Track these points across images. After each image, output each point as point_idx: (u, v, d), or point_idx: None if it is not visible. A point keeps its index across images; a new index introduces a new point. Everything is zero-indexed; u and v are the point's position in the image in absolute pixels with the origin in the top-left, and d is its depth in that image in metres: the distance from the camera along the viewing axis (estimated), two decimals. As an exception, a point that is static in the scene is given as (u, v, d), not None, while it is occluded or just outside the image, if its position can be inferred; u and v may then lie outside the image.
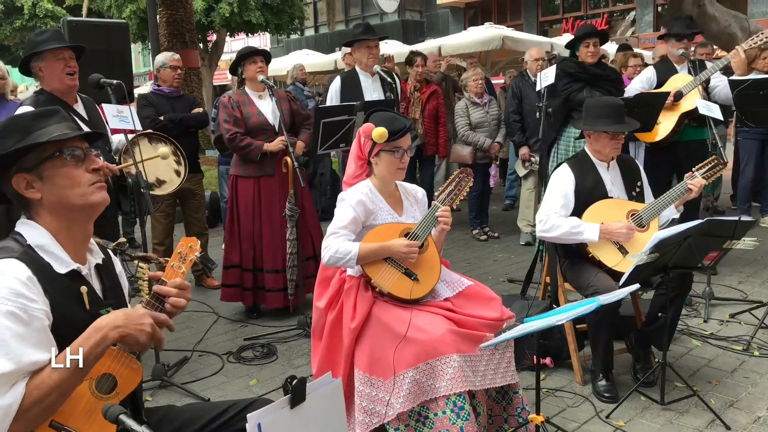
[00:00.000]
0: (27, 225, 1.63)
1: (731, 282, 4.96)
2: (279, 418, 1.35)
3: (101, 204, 1.67)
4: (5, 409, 1.40)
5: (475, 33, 10.45)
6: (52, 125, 1.63)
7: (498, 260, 6.00)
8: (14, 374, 1.42)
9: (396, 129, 2.68)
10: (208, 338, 4.27)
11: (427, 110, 6.75)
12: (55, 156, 1.61)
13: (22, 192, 1.61)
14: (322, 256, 2.64)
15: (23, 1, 19.99)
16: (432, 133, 6.79)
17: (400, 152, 2.72)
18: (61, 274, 1.59)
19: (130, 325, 1.53)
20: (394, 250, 2.62)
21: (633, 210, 3.34)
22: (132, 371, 1.62)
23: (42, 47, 3.30)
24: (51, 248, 1.60)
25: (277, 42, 25.11)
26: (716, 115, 4.34)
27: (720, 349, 3.74)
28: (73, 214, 1.64)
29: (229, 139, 4.36)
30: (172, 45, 9.68)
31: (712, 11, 6.89)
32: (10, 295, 1.45)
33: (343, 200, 2.74)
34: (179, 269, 1.70)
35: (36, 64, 3.35)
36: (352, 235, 2.68)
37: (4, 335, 1.42)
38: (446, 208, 2.71)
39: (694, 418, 2.98)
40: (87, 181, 1.64)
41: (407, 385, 2.37)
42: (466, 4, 22.20)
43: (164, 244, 5.16)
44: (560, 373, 3.49)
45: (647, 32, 18.21)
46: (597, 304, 2.24)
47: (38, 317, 1.48)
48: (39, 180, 1.60)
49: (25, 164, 1.60)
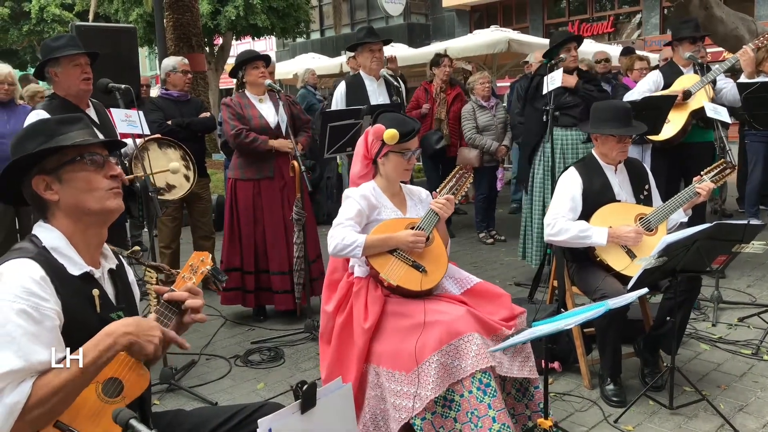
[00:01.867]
0: (43, 228, 1.66)
1: (739, 285, 4.94)
2: (289, 422, 1.35)
3: (116, 210, 1.70)
4: (10, 407, 1.41)
5: (481, 36, 10.45)
6: (75, 131, 1.66)
7: (505, 263, 5.99)
8: (22, 372, 1.43)
9: (406, 131, 2.70)
10: (216, 342, 4.28)
11: (452, 112, 6.73)
12: (76, 160, 1.64)
13: (40, 193, 1.63)
14: (329, 244, 2.66)
15: (31, 6, 20.12)
16: (456, 134, 6.77)
17: (408, 154, 2.75)
18: (74, 275, 1.61)
19: (140, 334, 1.54)
20: (401, 240, 2.63)
21: (641, 214, 3.33)
22: (139, 377, 1.63)
23: (59, 53, 3.34)
24: (65, 250, 1.62)
25: (283, 45, 25.18)
26: (724, 118, 4.33)
27: (729, 353, 3.72)
28: (89, 218, 1.67)
29: (234, 135, 4.33)
30: (178, 49, 9.73)
31: (719, 13, 6.89)
32: (23, 293, 1.47)
33: (348, 197, 2.77)
34: (189, 281, 1.71)
35: (52, 70, 3.39)
36: (358, 227, 2.71)
37: (15, 333, 1.44)
38: (447, 197, 2.74)
39: (703, 422, 2.96)
40: (105, 186, 1.67)
41: (434, 370, 2.37)
42: (471, 8, 22.22)
43: (171, 247, 5.17)
44: (568, 378, 3.48)
45: (653, 35, 18.18)
46: (606, 308, 2.23)
47: (50, 317, 1.49)
48: (58, 182, 1.63)
49: (46, 166, 1.63)
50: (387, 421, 2.51)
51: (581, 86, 4.79)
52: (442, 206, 2.72)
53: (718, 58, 10.33)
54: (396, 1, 21.31)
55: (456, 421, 2.38)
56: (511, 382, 2.67)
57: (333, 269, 2.86)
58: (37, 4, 20.00)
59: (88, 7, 17.64)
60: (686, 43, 4.93)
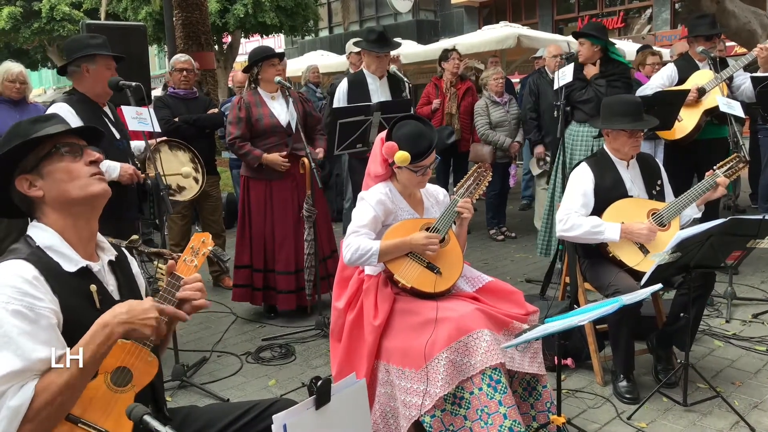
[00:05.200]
0: (36, 227, 1.66)
1: (753, 282, 4.90)
2: (304, 419, 1.35)
3: (101, 195, 1.69)
4: (14, 410, 1.41)
5: (490, 32, 10.40)
6: (49, 127, 1.67)
7: (515, 260, 5.97)
8: (24, 372, 1.43)
9: (419, 151, 2.63)
10: (227, 338, 4.29)
11: (463, 106, 6.68)
12: (52, 152, 1.65)
13: (25, 192, 1.64)
14: (344, 254, 2.64)
15: (41, 5, 20.22)
16: (467, 129, 6.72)
17: (422, 170, 2.70)
18: (70, 272, 1.61)
19: (134, 320, 1.53)
20: (415, 244, 2.61)
21: (654, 209, 3.31)
22: (147, 364, 1.62)
23: (99, 51, 3.40)
24: (59, 248, 1.62)
25: (292, 43, 25.18)
26: (738, 112, 4.29)
27: (743, 349, 3.69)
28: (76, 209, 1.66)
29: (229, 143, 4.41)
30: (187, 47, 9.73)
31: (731, 7, 6.82)
32: (15, 293, 1.47)
33: (363, 200, 2.74)
34: (191, 263, 1.70)
35: (85, 65, 3.42)
36: (373, 234, 2.68)
37: (12, 333, 1.44)
38: (466, 200, 2.72)
39: (718, 419, 2.94)
40: (85, 173, 1.67)
41: (443, 367, 2.35)
42: (480, 4, 22.14)
43: (181, 245, 5.18)
44: (580, 374, 3.46)
45: (664, 29, 18.05)
46: (620, 304, 2.21)
47: (45, 315, 1.49)
48: (40, 178, 1.64)
49: (26, 166, 1.64)
50: (397, 418, 2.51)
51: (593, 81, 4.75)
52: (470, 207, 2.72)
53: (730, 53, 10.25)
54: (405, -2, 21.30)
55: (466, 418, 2.37)
56: (519, 381, 2.65)
57: (344, 266, 2.85)
58: (47, 3, 20.08)
59: (96, 5, 17.74)
60: (702, 40, 4.88)
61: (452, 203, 2.72)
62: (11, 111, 4.87)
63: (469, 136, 6.73)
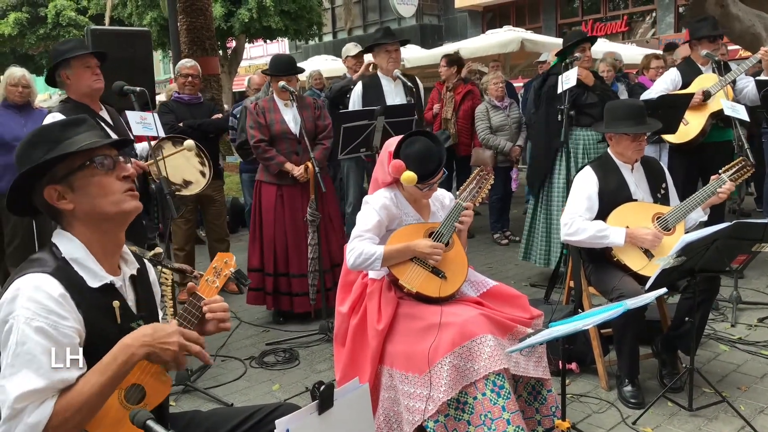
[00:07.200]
0: (63, 237, 1.62)
1: (759, 285, 4.88)
2: (307, 423, 1.34)
3: (134, 212, 1.66)
4: (32, 427, 1.40)
5: (494, 36, 10.41)
6: (80, 134, 1.62)
7: (519, 264, 5.95)
8: (45, 391, 1.42)
9: (427, 172, 2.62)
10: (231, 343, 4.29)
11: (462, 110, 6.72)
12: (85, 166, 1.59)
13: (54, 203, 1.59)
14: (347, 259, 2.64)
15: (47, 11, 20.32)
16: (466, 132, 6.74)
17: (428, 187, 2.70)
18: (94, 288, 1.58)
19: (156, 344, 1.52)
20: (419, 250, 2.61)
21: (658, 213, 3.30)
22: (161, 383, 1.63)
23: (69, 54, 3.37)
24: (85, 261, 1.59)
25: (296, 48, 25.23)
26: (742, 116, 4.28)
27: (749, 353, 3.67)
28: (107, 224, 1.63)
29: (254, 146, 4.43)
30: (192, 52, 9.75)
31: (735, 11, 6.81)
32: (41, 310, 1.45)
33: (368, 203, 2.74)
34: (213, 284, 1.70)
35: (64, 72, 3.42)
36: (377, 239, 2.68)
37: (35, 351, 1.42)
38: (468, 205, 2.72)
39: (724, 424, 2.92)
40: (119, 189, 1.63)
41: (446, 372, 2.35)
42: (484, 8, 22.14)
43: (185, 249, 5.20)
44: (585, 379, 3.45)
45: (668, 33, 18.02)
46: (624, 308, 2.20)
47: (69, 335, 1.47)
48: (70, 191, 1.59)
49: (56, 175, 1.58)
50: (400, 423, 2.50)
51: (598, 85, 4.76)
52: (469, 218, 2.72)
53: (734, 56, 10.23)
54: (408, 3, 21.33)
55: (469, 423, 2.36)
56: (523, 385, 2.64)
57: (347, 270, 2.85)
58: (53, 9, 20.19)
59: (101, 10, 17.81)
60: (705, 42, 4.87)
61: (456, 207, 2.72)
62: (16, 116, 4.90)
63: (469, 140, 6.75)
